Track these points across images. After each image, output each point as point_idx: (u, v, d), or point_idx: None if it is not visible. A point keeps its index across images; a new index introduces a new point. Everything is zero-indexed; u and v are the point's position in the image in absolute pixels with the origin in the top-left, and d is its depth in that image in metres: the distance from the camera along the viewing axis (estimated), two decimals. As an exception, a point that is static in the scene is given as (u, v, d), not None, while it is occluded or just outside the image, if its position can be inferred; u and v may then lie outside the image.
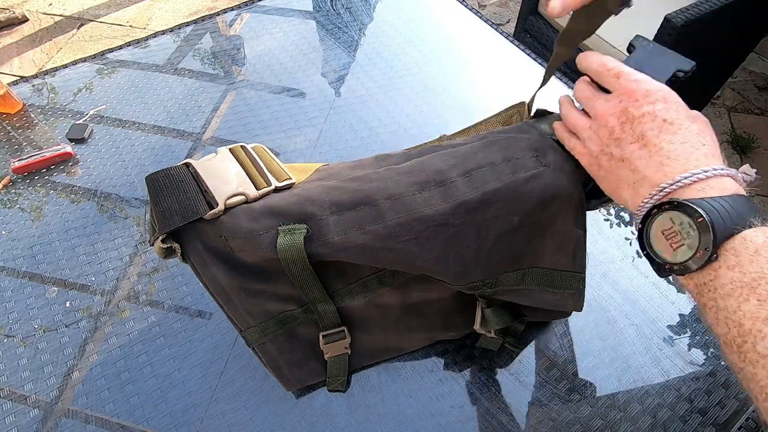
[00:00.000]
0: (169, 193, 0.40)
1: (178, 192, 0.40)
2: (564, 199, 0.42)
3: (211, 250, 0.42)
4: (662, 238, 0.31)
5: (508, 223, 0.42)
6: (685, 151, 0.32)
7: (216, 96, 0.85)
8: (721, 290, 0.28)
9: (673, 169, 0.32)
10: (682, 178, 0.31)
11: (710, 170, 0.31)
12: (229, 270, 0.42)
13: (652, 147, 0.33)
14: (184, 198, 0.40)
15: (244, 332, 0.46)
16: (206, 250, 0.41)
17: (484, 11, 2.28)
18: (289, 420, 0.52)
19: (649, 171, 0.33)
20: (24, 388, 0.55)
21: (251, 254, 0.42)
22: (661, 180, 0.32)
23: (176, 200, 0.40)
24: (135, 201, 0.71)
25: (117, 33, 2.19)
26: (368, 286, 0.47)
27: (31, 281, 0.63)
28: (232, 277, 0.42)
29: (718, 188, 0.31)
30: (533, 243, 0.44)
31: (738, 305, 0.27)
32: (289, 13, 1.00)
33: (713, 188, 0.31)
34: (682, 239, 0.30)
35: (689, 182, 0.31)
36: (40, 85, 0.88)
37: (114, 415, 0.53)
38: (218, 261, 0.42)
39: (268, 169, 0.46)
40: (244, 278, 0.43)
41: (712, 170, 0.31)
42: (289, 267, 0.41)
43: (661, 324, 0.58)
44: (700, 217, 0.29)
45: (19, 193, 0.73)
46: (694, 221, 0.29)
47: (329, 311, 0.47)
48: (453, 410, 0.52)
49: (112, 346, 0.58)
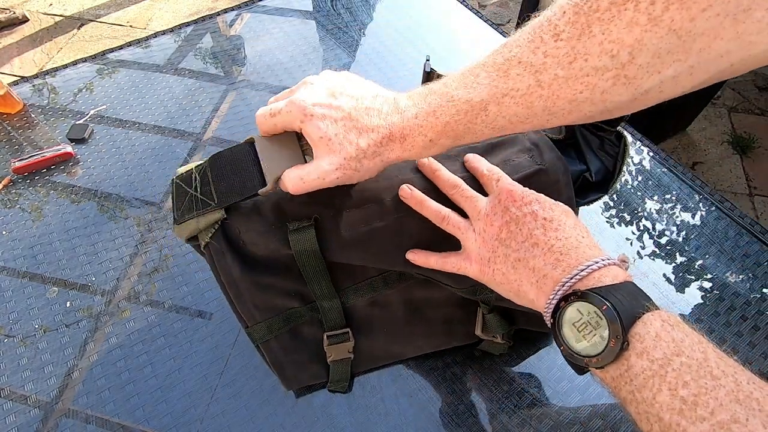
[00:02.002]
0: (231, 171, 0.41)
1: (238, 171, 0.41)
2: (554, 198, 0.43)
3: (228, 240, 0.42)
4: (575, 330, 0.32)
5: None
6: (571, 245, 0.34)
7: (216, 96, 0.85)
8: (635, 381, 0.28)
9: (568, 264, 0.33)
10: (578, 271, 0.32)
11: (600, 261, 0.32)
12: (242, 263, 0.43)
13: (543, 245, 0.35)
14: (242, 177, 0.41)
15: (250, 328, 0.46)
16: (224, 239, 0.42)
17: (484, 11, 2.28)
18: (289, 420, 0.52)
19: (547, 269, 0.34)
20: (24, 388, 0.55)
21: (263, 248, 0.43)
22: (561, 275, 0.33)
23: (236, 179, 0.41)
24: (135, 201, 0.71)
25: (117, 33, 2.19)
26: (374, 287, 0.48)
27: (32, 281, 0.63)
28: (244, 269, 0.43)
29: (611, 276, 0.32)
30: None
31: (653, 396, 0.27)
32: (289, 13, 1.00)
33: (607, 277, 0.32)
34: (593, 329, 0.30)
35: (586, 274, 0.32)
36: (40, 85, 0.88)
37: (114, 414, 0.53)
38: (234, 252, 0.43)
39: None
40: (254, 271, 0.43)
41: (602, 261, 0.32)
42: (301, 259, 0.42)
43: (661, 324, 0.58)
44: (604, 305, 0.29)
45: (19, 193, 0.73)
46: (600, 310, 0.30)
47: (335, 308, 0.47)
48: (453, 410, 0.52)
49: (113, 346, 0.58)
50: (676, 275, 0.62)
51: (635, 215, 0.68)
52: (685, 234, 0.66)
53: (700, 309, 0.59)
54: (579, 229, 0.36)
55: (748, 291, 0.60)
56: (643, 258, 0.63)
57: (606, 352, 0.29)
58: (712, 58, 0.27)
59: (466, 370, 0.55)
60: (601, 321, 0.30)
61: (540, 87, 0.31)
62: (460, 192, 0.41)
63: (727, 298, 0.60)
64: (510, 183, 0.39)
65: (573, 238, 0.35)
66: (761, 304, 0.59)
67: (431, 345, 0.54)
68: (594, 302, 0.30)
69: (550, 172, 0.43)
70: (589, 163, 0.46)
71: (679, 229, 0.66)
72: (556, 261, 0.34)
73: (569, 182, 0.44)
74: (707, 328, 0.58)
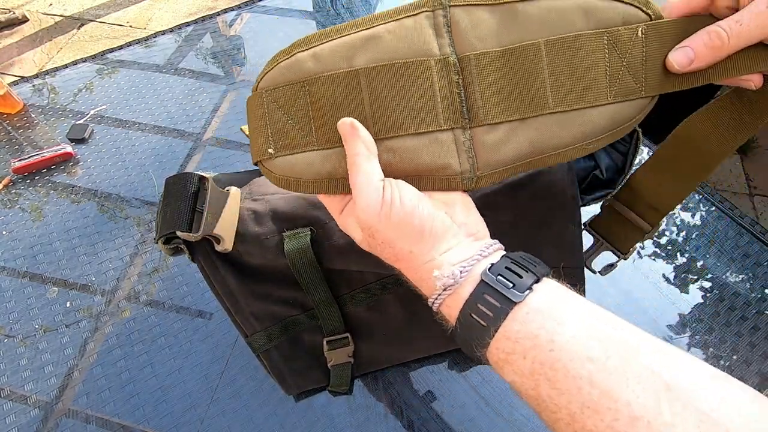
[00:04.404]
0: (174, 199, 0.40)
1: (179, 202, 0.40)
2: (559, 197, 0.42)
3: (220, 253, 0.42)
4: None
5: (507, 222, 0.42)
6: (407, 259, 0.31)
7: (216, 96, 0.85)
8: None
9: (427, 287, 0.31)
10: (434, 298, 0.30)
11: (440, 280, 0.30)
12: (237, 273, 0.43)
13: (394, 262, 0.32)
14: (178, 208, 0.39)
15: (249, 338, 0.46)
16: (215, 253, 0.42)
17: (485, 11, 2.27)
18: (289, 420, 0.52)
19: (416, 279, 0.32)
20: (24, 388, 0.55)
21: (258, 257, 0.42)
22: (428, 293, 0.31)
23: (175, 209, 0.40)
24: (135, 201, 0.71)
25: (117, 33, 2.19)
26: (372, 293, 0.47)
27: (32, 281, 0.63)
28: (240, 279, 0.43)
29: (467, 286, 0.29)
30: (531, 241, 0.44)
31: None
32: (289, 13, 1.00)
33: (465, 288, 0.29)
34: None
35: (443, 300, 0.30)
36: (40, 85, 0.88)
37: (114, 415, 0.53)
38: (227, 263, 0.42)
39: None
40: (251, 281, 0.43)
41: (444, 279, 0.29)
42: (297, 268, 0.42)
43: (661, 324, 0.58)
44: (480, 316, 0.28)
45: (19, 193, 0.73)
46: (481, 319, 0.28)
47: (334, 314, 0.47)
48: (453, 410, 0.52)
49: (113, 346, 0.58)
50: (676, 275, 0.62)
51: (635, 215, 0.68)
52: (685, 234, 0.66)
53: (700, 309, 0.59)
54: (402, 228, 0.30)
55: (748, 291, 0.60)
56: (643, 258, 0.63)
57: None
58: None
59: (467, 370, 0.55)
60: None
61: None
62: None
63: (727, 298, 0.60)
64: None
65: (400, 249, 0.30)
66: (761, 304, 0.59)
67: (431, 348, 0.54)
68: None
69: (552, 171, 0.43)
70: (599, 161, 0.46)
71: (679, 229, 0.66)
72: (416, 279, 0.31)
73: (574, 180, 0.43)
74: (707, 328, 0.58)
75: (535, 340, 0.25)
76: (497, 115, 0.31)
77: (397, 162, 0.31)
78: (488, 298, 0.27)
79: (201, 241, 0.41)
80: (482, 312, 0.27)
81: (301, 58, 0.32)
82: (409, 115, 0.31)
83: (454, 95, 0.30)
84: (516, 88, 0.30)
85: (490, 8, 0.30)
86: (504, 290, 0.27)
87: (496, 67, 0.30)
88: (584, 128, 0.30)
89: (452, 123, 0.31)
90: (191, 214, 0.38)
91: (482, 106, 0.30)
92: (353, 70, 0.31)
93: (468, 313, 0.28)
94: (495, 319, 0.26)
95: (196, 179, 0.40)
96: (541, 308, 0.26)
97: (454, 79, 0.30)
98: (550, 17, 0.29)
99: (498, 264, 0.28)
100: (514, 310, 0.26)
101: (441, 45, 0.30)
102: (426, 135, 0.31)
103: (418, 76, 0.30)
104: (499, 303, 0.27)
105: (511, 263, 0.28)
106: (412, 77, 0.30)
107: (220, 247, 0.40)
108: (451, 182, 0.31)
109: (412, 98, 0.30)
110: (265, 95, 0.33)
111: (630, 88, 0.30)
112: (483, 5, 0.30)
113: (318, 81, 0.31)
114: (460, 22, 0.30)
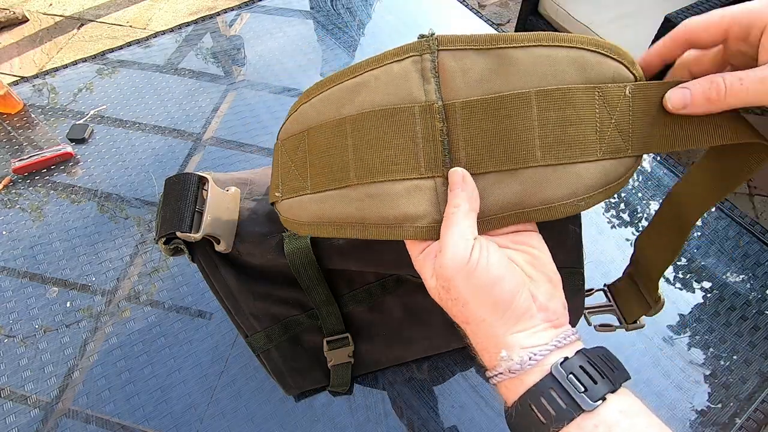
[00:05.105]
0: (174, 199, 0.40)
1: (179, 202, 0.40)
2: None
3: (220, 253, 0.42)
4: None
5: None
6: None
7: (216, 96, 0.85)
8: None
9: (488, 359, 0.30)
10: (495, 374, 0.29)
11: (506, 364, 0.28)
12: (237, 273, 0.43)
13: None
14: (178, 208, 0.40)
15: (249, 338, 0.46)
16: (215, 253, 0.42)
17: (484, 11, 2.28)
18: (289, 420, 0.52)
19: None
20: (25, 388, 0.55)
21: (258, 257, 0.42)
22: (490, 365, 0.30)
23: (175, 209, 0.40)
24: (135, 201, 0.71)
25: (117, 33, 2.19)
26: (372, 293, 0.47)
27: (32, 281, 0.63)
28: (241, 279, 0.43)
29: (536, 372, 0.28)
30: None
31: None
32: (289, 13, 1.00)
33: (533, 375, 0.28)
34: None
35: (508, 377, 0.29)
36: (40, 85, 0.88)
37: (114, 415, 0.53)
38: (227, 263, 0.42)
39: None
40: (251, 281, 0.43)
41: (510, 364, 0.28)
42: (297, 268, 0.42)
43: (661, 324, 0.58)
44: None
45: (19, 193, 0.73)
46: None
47: (333, 314, 0.47)
48: (454, 410, 0.52)
49: (113, 346, 0.58)
50: (676, 275, 0.62)
51: (635, 216, 0.68)
52: (685, 234, 0.66)
53: (700, 309, 0.59)
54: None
55: (748, 291, 0.60)
56: (643, 258, 0.63)
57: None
58: None
59: (467, 370, 0.55)
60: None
61: None
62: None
63: (727, 298, 0.60)
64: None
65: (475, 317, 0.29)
66: (761, 304, 0.59)
67: (431, 348, 0.54)
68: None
69: None
70: None
71: (679, 229, 0.66)
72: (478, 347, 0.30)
73: None
74: (707, 328, 0.58)
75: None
76: (481, 165, 0.29)
77: (376, 208, 0.31)
78: (554, 394, 0.25)
79: (201, 241, 0.41)
80: (544, 408, 0.25)
81: (303, 110, 0.33)
82: (391, 161, 0.30)
83: (437, 143, 0.29)
84: (503, 138, 0.29)
85: (480, 53, 0.29)
86: (574, 393, 0.25)
87: (483, 115, 0.29)
88: (573, 183, 0.29)
89: (433, 171, 0.30)
90: (191, 214, 0.38)
91: (465, 155, 0.29)
92: (340, 118, 0.31)
93: (528, 403, 0.26)
94: (557, 421, 0.25)
95: (196, 179, 0.40)
96: (613, 426, 0.24)
97: (438, 126, 0.29)
98: (542, 67, 0.29)
99: (572, 360, 0.26)
100: (581, 416, 0.25)
101: (427, 91, 0.30)
102: (406, 182, 0.30)
103: (400, 123, 0.30)
104: (565, 404, 0.25)
105: (587, 363, 0.26)
106: (395, 124, 0.30)
107: (220, 248, 0.40)
108: (429, 232, 0.30)
109: (394, 145, 0.30)
110: (280, 145, 0.35)
111: (618, 145, 0.29)
112: (473, 50, 0.29)
113: (313, 130, 0.33)
114: (448, 66, 0.29)
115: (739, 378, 0.54)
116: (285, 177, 0.34)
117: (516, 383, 0.27)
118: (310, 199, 0.33)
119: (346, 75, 0.31)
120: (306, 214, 0.33)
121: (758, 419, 0.51)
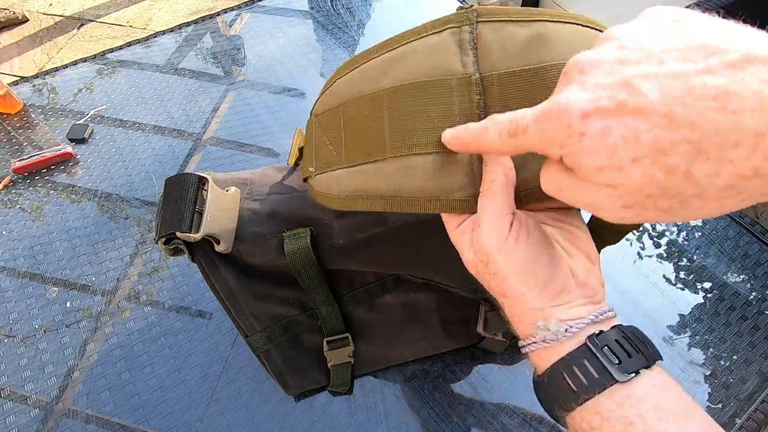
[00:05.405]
0: (174, 199, 0.40)
1: (179, 202, 0.40)
2: None
3: (220, 253, 0.42)
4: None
5: None
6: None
7: (216, 96, 0.85)
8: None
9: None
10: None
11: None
12: (237, 273, 0.43)
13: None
14: (178, 209, 0.40)
15: (249, 338, 0.46)
16: (215, 253, 0.42)
17: (485, 11, 2.27)
18: (289, 420, 0.52)
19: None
20: (24, 388, 0.55)
21: (259, 257, 0.42)
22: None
23: (175, 209, 0.40)
24: (135, 201, 0.71)
25: (117, 33, 2.19)
26: (372, 293, 0.47)
27: (32, 281, 0.63)
28: (241, 279, 0.43)
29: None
30: None
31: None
32: (289, 13, 1.00)
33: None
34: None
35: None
36: (40, 85, 0.88)
37: (114, 415, 0.53)
38: (227, 264, 0.42)
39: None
40: (251, 281, 0.43)
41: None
42: (297, 268, 0.42)
43: (661, 324, 0.58)
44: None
45: (19, 193, 0.73)
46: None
47: (333, 314, 0.47)
48: (454, 410, 0.52)
49: (113, 346, 0.58)
50: (676, 275, 0.62)
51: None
52: (685, 234, 0.66)
53: (700, 309, 0.59)
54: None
55: (748, 291, 0.60)
56: (643, 258, 0.63)
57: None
58: None
59: (467, 370, 0.55)
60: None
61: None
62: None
63: (727, 298, 0.60)
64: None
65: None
66: (761, 304, 0.59)
67: (431, 347, 0.54)
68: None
69: None
70: None
71: (679, 229, 0.66)
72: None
73: None
74: (707, 328, 0.58)
75: (629, 428, 0.24)
76: None
77: (412, 181, 0.30)
78: (587, 364, 0.26)
79: (201, 241, 0.41)
80: (576, 376, 0.26)
81: (339, 85, 0.33)
82: (427, 133, 0.30)
83: (474, 115, 0.29)
84: None
85: (518, 25, 0.29)
86: (607, 363, 0.25)
87: (520, 87, 0.29)
88: None
89: None
90: (191, 214, 0.38)
91: None
92: (376, 91, 0.31)
93: (560, 371, 0.26)
94: (588, 389, 0.25)
95: (196, 179, 0.40)
96: (644, 398, 0.25)
97: (475, 99, 0.29)
98: (577, 41, 0.29)
99: (607, 333, 0.27)
100: (614, 387, 0.25)
101: (465, 63, 0.29)
102: (442, 155, 0.30)
103: (437, 95, 0.30)
104: (598, 374, 0.25)
105: (622, 338, 0.26)
106: (432, 96, 0.30)
107: (220, 248, 0.40)
108: (465, 205, 0.30)
109: (431, 117, 0.30)
110: (314, 120, 0.36)
111: None
112: (512, 21, 0.29)
113: (349, 104, 0.32)
114: (487, 38, 0.29)
115: (739, 378, 0.54)
116: (319, 151, 0.34)
117: (550, 352, 0.27)
118: (345, 173, 0.32)
119: (384, 48, 0.31)
120: (340, 188, 0.33)
121: (758, 419, 0.51)
